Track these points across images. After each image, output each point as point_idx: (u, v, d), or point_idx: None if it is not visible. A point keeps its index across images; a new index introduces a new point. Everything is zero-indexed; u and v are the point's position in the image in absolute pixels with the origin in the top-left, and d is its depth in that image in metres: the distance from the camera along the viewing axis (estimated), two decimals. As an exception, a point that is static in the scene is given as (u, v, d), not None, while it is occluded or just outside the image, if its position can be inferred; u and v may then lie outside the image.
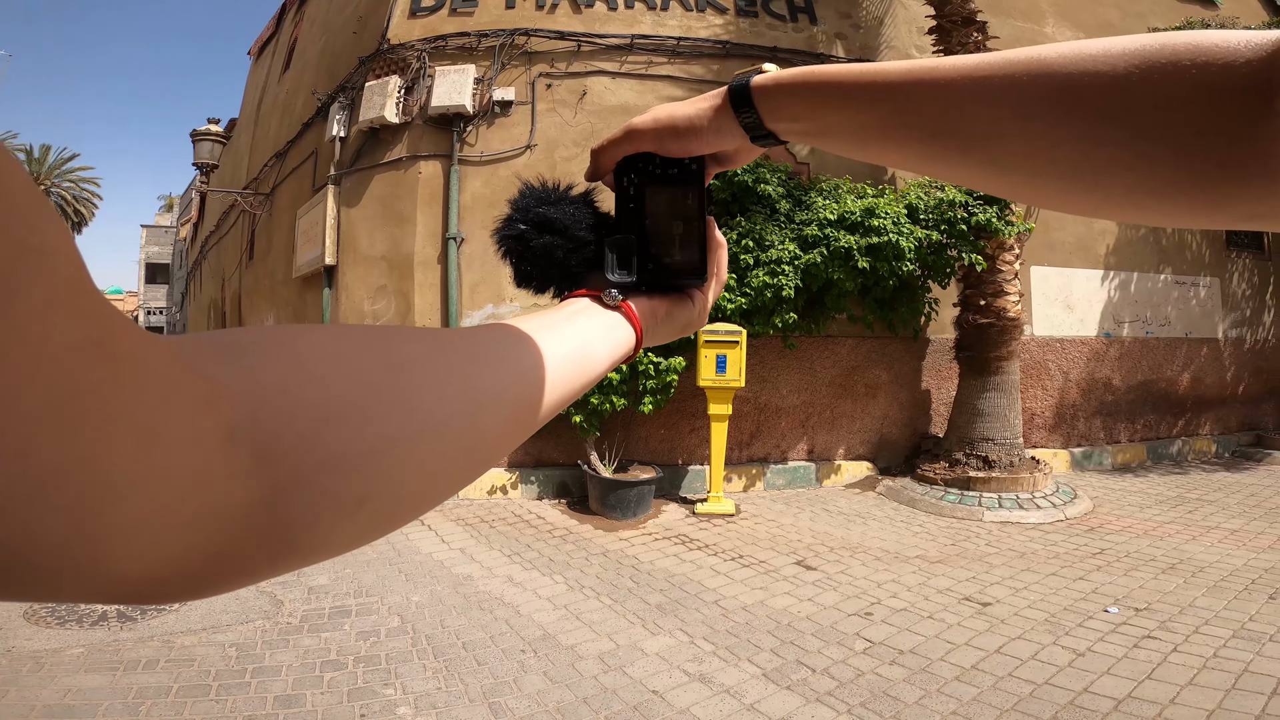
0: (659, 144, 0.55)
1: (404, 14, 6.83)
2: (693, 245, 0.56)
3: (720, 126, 0.53)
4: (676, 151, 0.55)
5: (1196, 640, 3.27)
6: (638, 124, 0.55)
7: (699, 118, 0.53)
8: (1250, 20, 9.43)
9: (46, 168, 38.94)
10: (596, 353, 0.49)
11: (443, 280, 6.39)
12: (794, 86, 0.49)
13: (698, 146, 0.55)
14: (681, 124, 0.54)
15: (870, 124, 0.46)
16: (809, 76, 0.48)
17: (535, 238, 0.57)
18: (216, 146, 9.14)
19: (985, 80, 0.40)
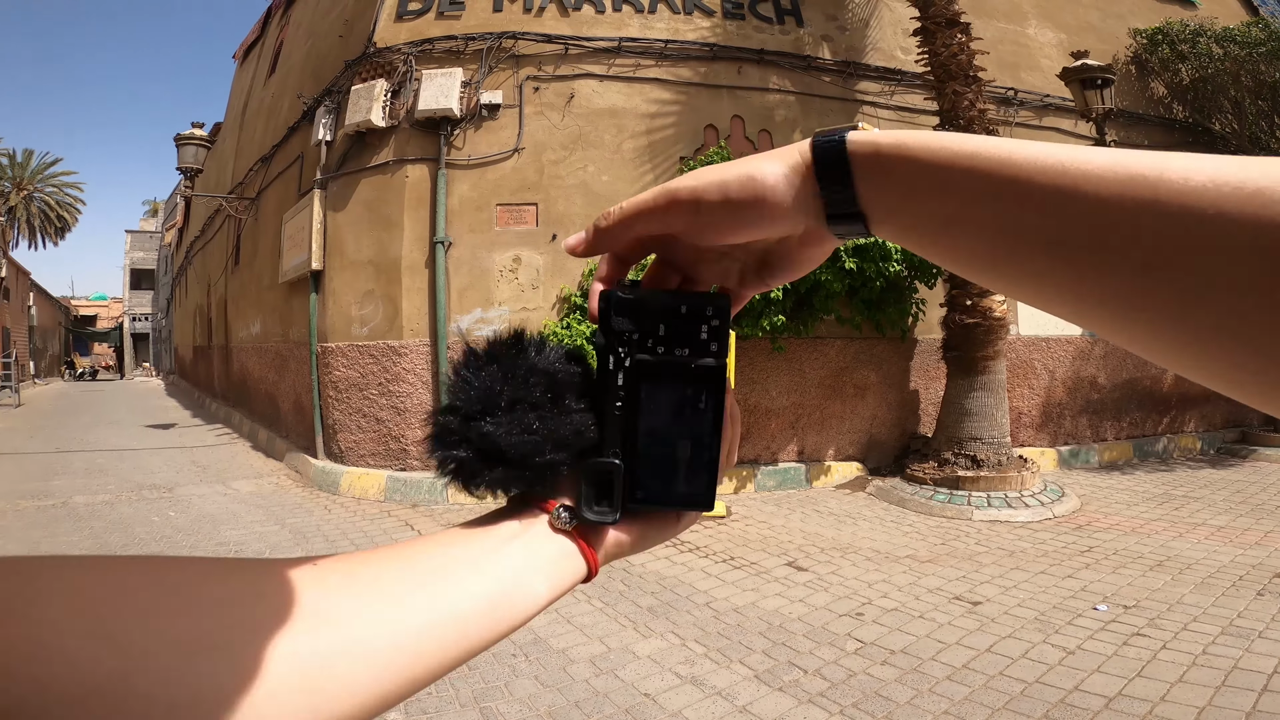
0: (696, 221, 0.40)
1: (390, 17, 6.80)
2: (700, 474, 0.42)
3: (795, 199, 0.38)
4: (717, 234, 0.41)
5: (1185, 637, 3.29)
6: (679, 188, 0.40)
7: (768, 182, 0.38)
8: (1230, 21, 9.55)
9: (29, 173, 38.51)
10: (526, 596, 0.39)
11: (430, 284, 6.36)
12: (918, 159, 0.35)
13: (752, 227, 0.40)
14: (735, 190, 0.39)
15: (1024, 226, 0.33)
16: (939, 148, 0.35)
17: (481, 472, 0.44)
18: (201, 151, 9.06)
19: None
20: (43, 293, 30.64)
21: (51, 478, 7.08)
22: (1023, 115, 8.20)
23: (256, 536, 5.01)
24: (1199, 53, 8.83)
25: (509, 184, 6.49)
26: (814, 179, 0.38)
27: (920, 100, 7.41)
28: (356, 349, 6.57)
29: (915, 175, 0.35)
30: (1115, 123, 8.30)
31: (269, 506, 5.88)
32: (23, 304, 25.25)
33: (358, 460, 6.55)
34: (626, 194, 5.54)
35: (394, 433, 6.38)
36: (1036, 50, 8.71)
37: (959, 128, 6.55)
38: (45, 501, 5.99)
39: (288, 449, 7.80)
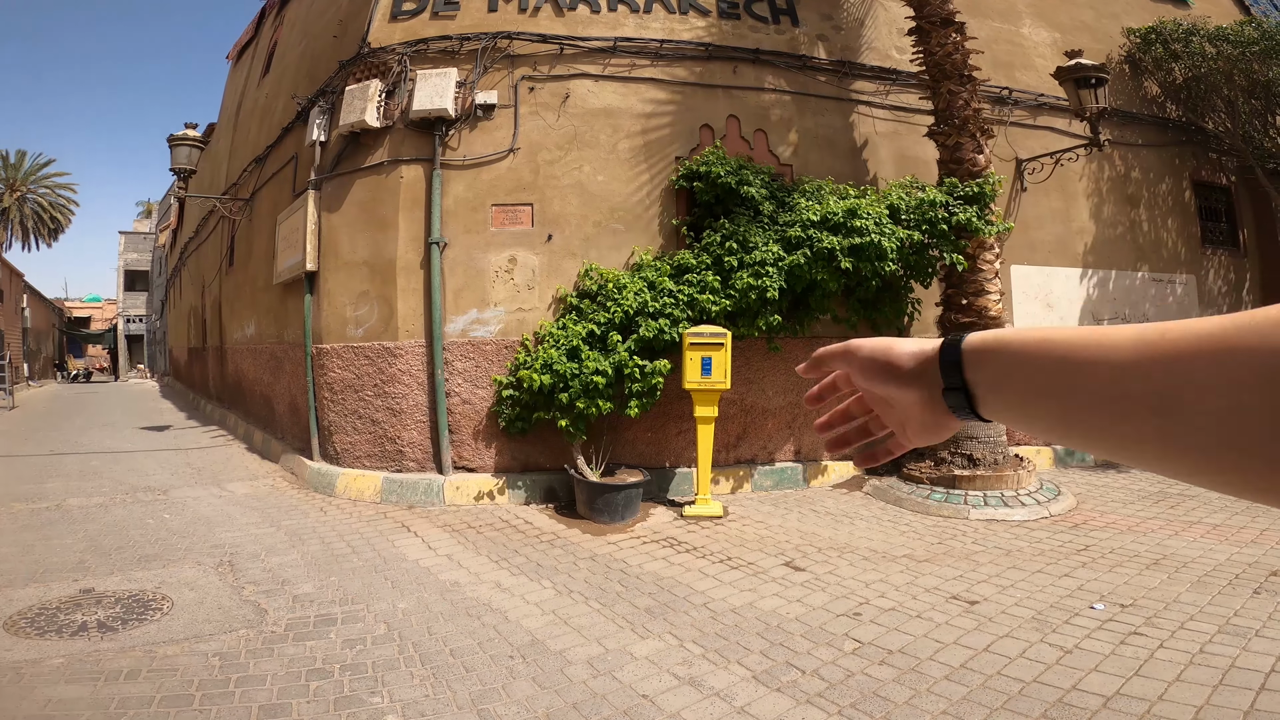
0: (864, 372, 0.61)
1: (385, 17, 6.78)
2: None
3: (917, 369, 0.58)
4: (872, 388, 0.62)
5: (1183, 636, 3.29)
6: (857, 346, 0.62)
7: (897, 350, 0.59)
8: (1222, 20, 9.58)
9: (22, 174, 38.33)
10: None
11: (425, 285, 6.34)
12: (1009, 348, 0.50)
13: (885, 380, 0.60)
14: (878, 353, 0.60)
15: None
16: (1024, 340, 0.49)
17: None
18: (195, 151, 9.02)
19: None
20: (36, 294, 30.48)
21: (45, 480, 7.04)
22: (1017, 114, 8.22)
23: (252, 539, 4.99)
24: (1192, 52, 8.86)
25: (504, 184, 6.47)
26: (936, 361, 0.56)
27: (915, 99, 7.41)
28: (352, 350, 6.54)
29: (1008, 360, 0.50)
30: (1109, 122, 8.32)
31: (264, 508, 5.86)
32: (16, 306, 25.11)
33: (353, 462, 6.53)
34: (622, 194, 5.50)
35: (389, 434, 6.36)
36: (1031, 49, 8.72)
37: (954, 127, 6.57)
38: (39, 504, 5.96)
39: (283, 451, 7.77)
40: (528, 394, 5.86)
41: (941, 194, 6.24)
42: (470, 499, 5.99)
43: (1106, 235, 8.72)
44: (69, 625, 3.48)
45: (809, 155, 7.11)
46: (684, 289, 5.94)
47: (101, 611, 3.66)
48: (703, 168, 6.29)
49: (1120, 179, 8.97)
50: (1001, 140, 7.79)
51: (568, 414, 5.72)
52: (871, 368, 0.61)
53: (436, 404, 6.23)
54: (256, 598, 3.89)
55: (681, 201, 6.66)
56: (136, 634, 3.39)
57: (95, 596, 3.87)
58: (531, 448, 6.28)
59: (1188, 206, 9.55)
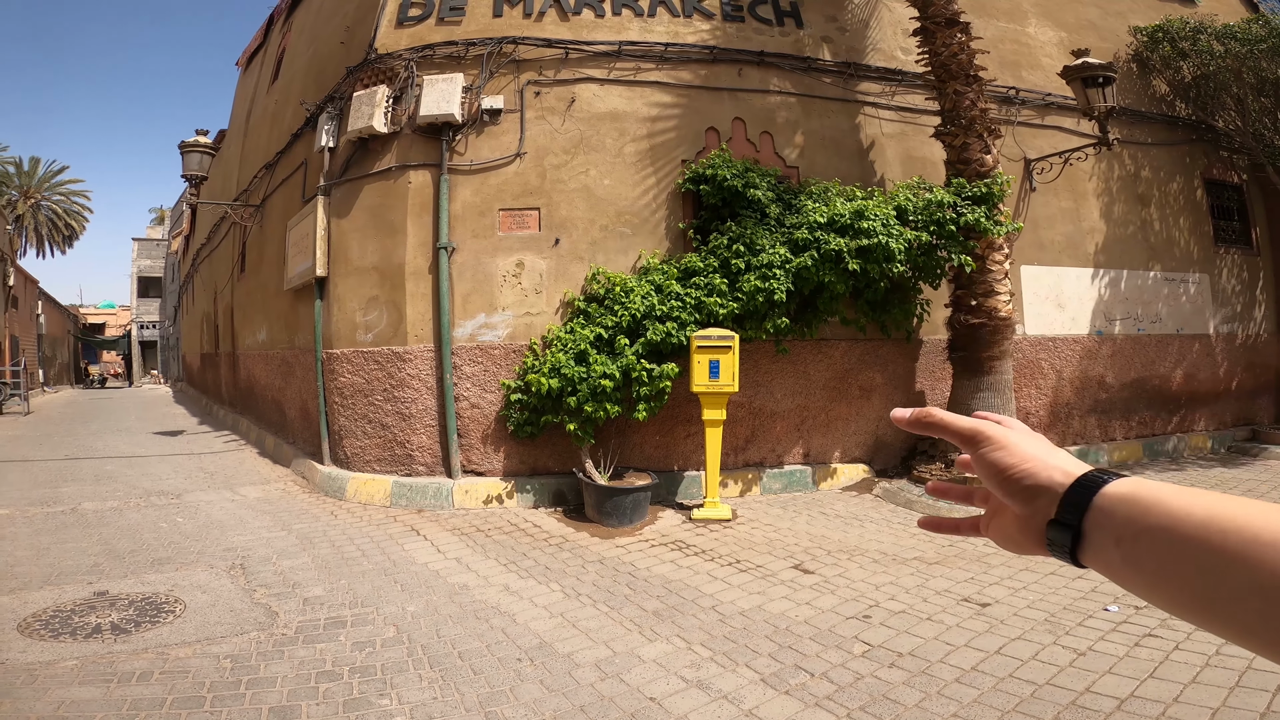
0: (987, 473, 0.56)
1: (391, 23, 6.83)
2: None
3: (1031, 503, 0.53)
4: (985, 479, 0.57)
5: (1198, 638, 3.26)
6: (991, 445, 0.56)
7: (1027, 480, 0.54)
8: (1230, 18, 9.50)
9: (36, 181, 38.78)
10: None
11: (434, 290, 6.37)
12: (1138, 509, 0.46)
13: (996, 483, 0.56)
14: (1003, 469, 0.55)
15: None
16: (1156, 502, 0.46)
17: None
18: (205, 158, 9.10)
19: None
20: (51, 301, 30.83)
21: (61, 484, 7.11)
22: (1025, 114, 8.18)
23: (263, 542, 5.02)
24: (1200, 50, 8.79)
25: (511, 189, 6.49)
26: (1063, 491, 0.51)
27: (922, 100, 7.39)
28: (362, 355, 6.58)
29: (1153, 523, 0.45)
30: (1117, 121, 8.27)
31: (276, 512, 5.89)
32: (31, 312, 25.41)
33: (363, 466, 6.56)
34: (628, 197, 5.51)
35: (399, 438, 6.39)
36: (1037, 49, 8.68)
37: (961, 127, 6.55)
38: (55, 508, 6.02)
39: (294, 455, 7.82)
40: (536, 398, 5.87)
41: (949, 194, 6.22)
42: (479, 502, 6.01)
43: (1117, 235, 8.66)
44: (83, 627, 3.51)
45: (815, 157, 7.10)
46: (691, 292, 5.94)
47: (115, 614, 3.69)
48: (709, 171, 6.29)
49: (1130, 178, 8.91)
50: (1009, 140, 7.76)
51: (576, 418, 5.73)
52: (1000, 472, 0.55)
53: (445, 408, 6.25)
54: (268, 600, 3.92)
55: (688, 204, 6.66)
56: (149, 636, 3.42)
57: (109, 599, 3.90)
58: (540, 451, 6.29)
59: (1199, 205, 9.47)
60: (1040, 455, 0.54)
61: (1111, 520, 0.47)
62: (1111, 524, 0.47)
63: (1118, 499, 0.47)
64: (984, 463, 0.56)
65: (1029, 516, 0.53)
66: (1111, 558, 0.47)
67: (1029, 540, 0.54)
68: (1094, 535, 0.48)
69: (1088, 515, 0.48)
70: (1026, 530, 0.54)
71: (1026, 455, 0.54)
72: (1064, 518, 0.50)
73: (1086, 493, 0.49)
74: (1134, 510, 0.46)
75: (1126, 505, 0.47)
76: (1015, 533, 0.56)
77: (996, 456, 0.55)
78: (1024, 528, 0.54)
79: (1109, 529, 0.47)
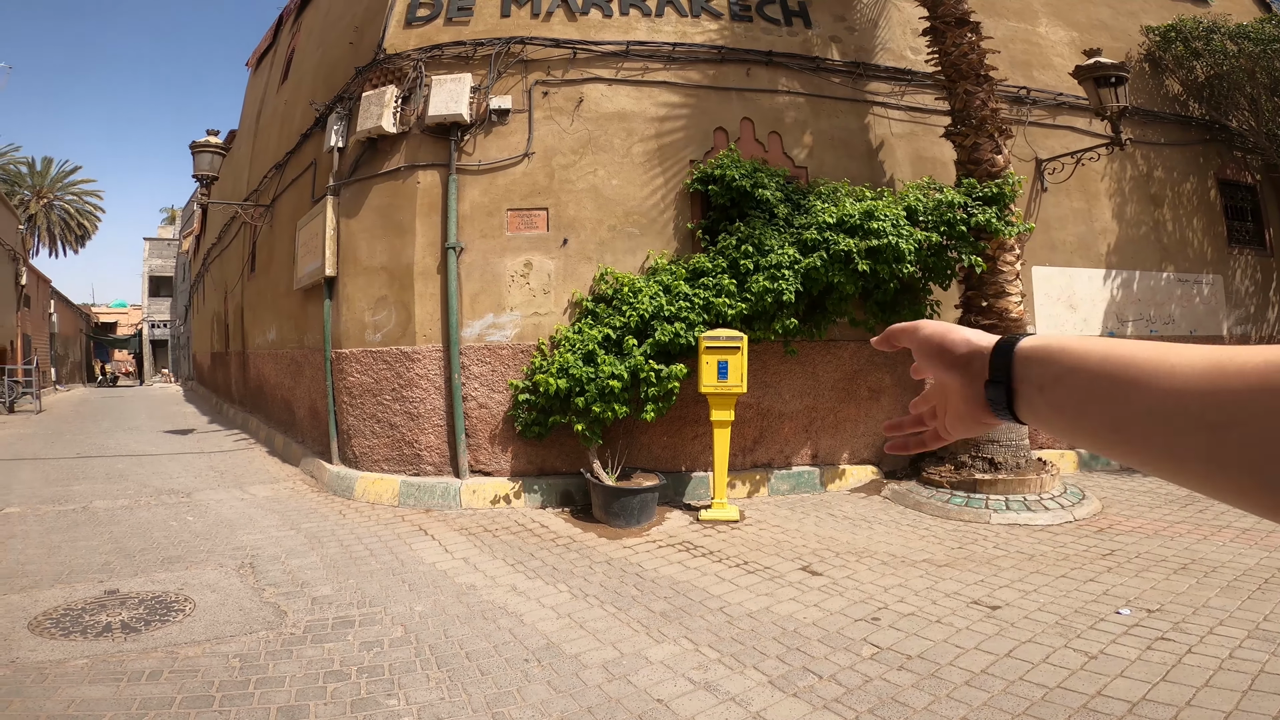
0: (921, 350, 0.65)
1: (399, 24, 6.85)
2: None
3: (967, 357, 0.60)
4: (926, 367, 0.66)
5: (1211, 641, 3.22)
6: (922, 325, 0.66)
7: (953, 337, 0.62)
8: (1243, 17, 9.42)
9: (49, 181, 39.11)
10: None
11: (443, 290, 6.38)
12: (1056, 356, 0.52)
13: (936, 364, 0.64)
14: (937, 339, 0.63)
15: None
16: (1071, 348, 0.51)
17: None
18: (216, 158, 9.16)
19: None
20: (64, 300, 31.09)
21: (72, 482, 7.16)
22: (1036, 114, 8.13)
23: (272, 541, 5.04)
24: (1213, 50, 8.72)
25: (520, 189, 6.50)
26: (988, 353, 0.58)
27: (931, 100, 7.36)
28: (370, 355, 6.60)
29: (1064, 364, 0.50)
30: (1130, 120, 8.21)
31: (285, 511, 5.91)
32: (44, 311, 25.62)
33: (372, 465, 6.58)
34: (636, 197, 5.50)
35: (407, 438, 6.40)
36: (1048, 49, 8.63)
37: (971, 127, 6.51)
38: (66, 506, 6.06)
39: (303, 454, 7.85)
40: (544, 398, 5.87)
41: (960, 195, 6.18)
42: (487, 502, 6.01)
43: (1130, 235, 8.59)
44: (93, 626, 3.53)
45: (824, 157, 7.07)
46: (699, 292, 5.93)
47: (125, 613, 3.71)
48: (717, 171, 6.28)
49: (1143, 178, 8.84)
50: (1020, 140, 7.71)
51: (584, 418, 5.73)
52: (928, 347, 0.64)
53: (453, 408, 6.26)
54: (276, 600, 3.93)
55: (696, 205, 6.65)
56: (159, 635, 3.44)
57: (119, 598, 3.92)
58: (547, 452, 6.29)
59: (1213, 205, 9.39)
60: (967, 331, 0.62)
61: (1031, 370, 0.53)
62: (1032, 374, 0.53)
63: (1032, 350, 0.54)
64: (926, 342, 0.65)
65: (968, 385, 0.60)
66: (1038, 405, 0.53)
67: (975, 408, 0.60)
68: (1022, 388, 0.54)
69: (1013, 370, 0.55)
70: (969, 399, 0.61)
71: (953, 328, 0.63)
72: (996, 376, 0.56)
73: (1007, 351, 0.56)
74: (1047, 358, 0.52)
75: (1040, 354, 0.53)
76: (962, 407, 0.62)
77: (932, 330, 0.65)
78: (967, 398, 0.61)
79: (1032, 379, 0.53)
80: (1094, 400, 0.47)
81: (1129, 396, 0.44)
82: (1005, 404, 0.56)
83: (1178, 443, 0.42)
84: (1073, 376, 0.49)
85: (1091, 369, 0.48)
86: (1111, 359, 0.47)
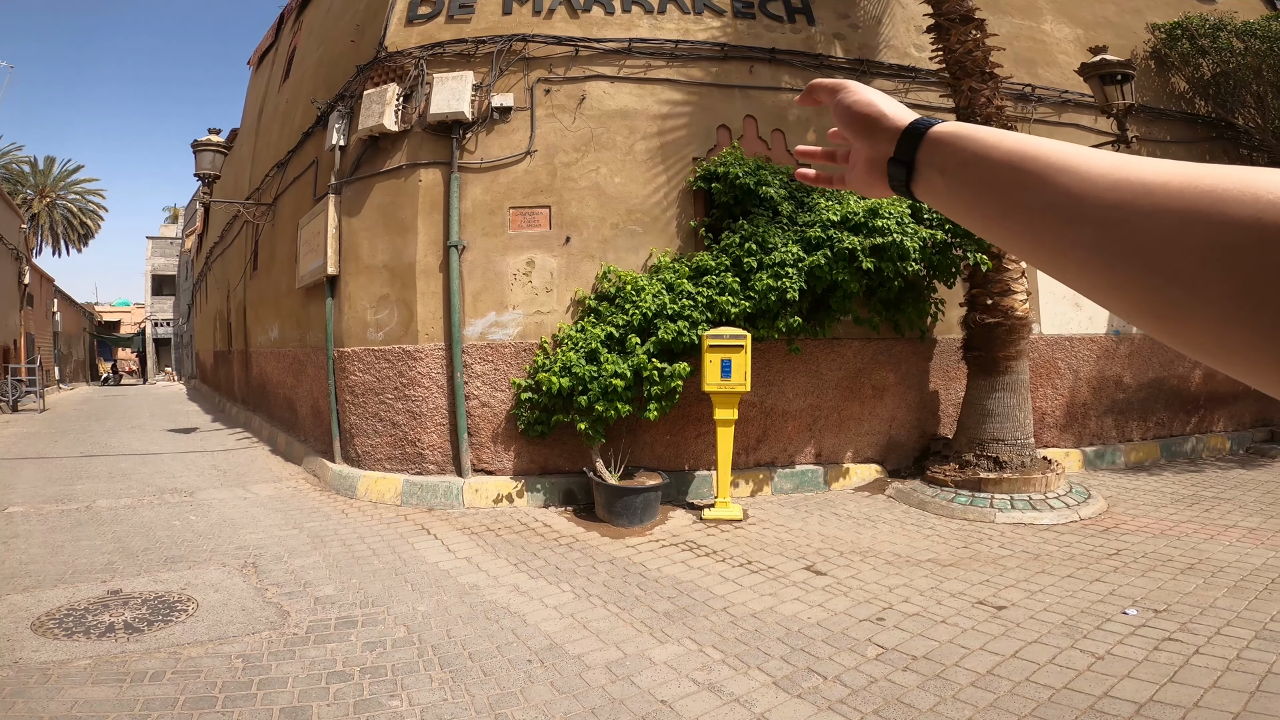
0: (842, 110, 0.65)
1: (401, 21, 6.83)
2: None
3: (882, 130, 0.61)
4: (842, 125, 0.66)
5: (1219, 642, 3.20)
6: (850, 88, 0.65)
7: (879, 119, 0.61)
8: (1249, 15, 9.36)
9: (51, 180, 39.17)
10: None
11: (445, 288, 6.37)
12: (960, 140, 0.52)
13: (854, 138, 0.64)
14: (861, 107, 0.63)
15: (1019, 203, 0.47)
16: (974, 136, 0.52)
17: None
18: (218, 157, 9.15)
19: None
20: (67, 299, 31.14)
21: (75, 482, 7.17)
22: (1041, 111, 8.09)
23: (275, 541, 5.03)
24: (1220, 47, 8.67)
25: (522, 187, 6.48)
26: (899, 130, 0.59)
27: (936, 97, 7.32)
28: (372, 354, 6.59)
29: (970, 147, 0.51)
30: (1136, 118, 8.16)
31: (287, 510, 5.91)
32: (47, 310, 25.67)
33: (374, 464, 6.57)
34: (639, 195, 5.47)
35: (410, 437, 6.39)
36: (1053, 46, 8.59)
37: (976, 124, 6.46)
38: (69, 505, 6.06)
39: (306, 453, 7.85)
40: (546, 397, 5.85)
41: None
42: (489, 501, 6.00)
43: (1134, 232, 8.54)
44: (96, 626, 3.53)
45: (828, 154, 7.03)
46: (703, 291, 5.91)
47: (128, 613, 3.71)
48: (720, 168, 6.25)
49: (1148, 175, 8.78)
50: (1025, 137, 7.66)
51: (586, 417, 5.71)
52: (850, 111, 0.64)
53: (456, 407, 6.25)
54: (279, 600, 3.92)
55: (699, 202, 6.63)
56: (162, 635, 3.43)
57: (122, 598, 3.92)
58: (550, 450, 6.28)
59: (1218, 202, 9.32)
60: (887, 102, 0.62)
61: (937, 153, 0.54)
62: (937, 156, 0.54)
63: (944, 134, 0.54)
64: (843, 106, 0.64)
65: (874, 156, 0.62)
66: (936, 185, 0.55)
67: (875, 178, 0.62)
68: (923, 169, 0.56)
69: (919, 150, 0.56)
70: (872, 169, 0.62)
71: (876, 99, 0.63)
72: (900, 155, 0.58)
73: (918, 132, 0.57)
74: (956, 143, 0.53)
75: (951, 139, 0.53)
76: (864, 173, 0.64)
77: (854, 99, 0.64)
78: (870, 167, 0.63)
79: (935, 162, 0.54)
80: (992, 188, 0.48)
81: (1028, 189, 0.45)
82: (904, 182, 0.58)
83: (1066, 232, 0.42)
84: (977, 162, 0.50)
85: (998, 159, 0.48)
86: (1020, 151, 0.47)
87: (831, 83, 0.68)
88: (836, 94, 0.66)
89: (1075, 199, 0.42)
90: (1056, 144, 0.46)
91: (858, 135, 0.64)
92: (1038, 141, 0.47)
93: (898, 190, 0.60)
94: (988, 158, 0.49)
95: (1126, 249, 0.39)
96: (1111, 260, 0.40)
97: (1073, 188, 0.42)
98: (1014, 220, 0.47)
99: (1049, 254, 0.45)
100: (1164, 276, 0.37)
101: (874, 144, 0.61)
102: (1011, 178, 0.47)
